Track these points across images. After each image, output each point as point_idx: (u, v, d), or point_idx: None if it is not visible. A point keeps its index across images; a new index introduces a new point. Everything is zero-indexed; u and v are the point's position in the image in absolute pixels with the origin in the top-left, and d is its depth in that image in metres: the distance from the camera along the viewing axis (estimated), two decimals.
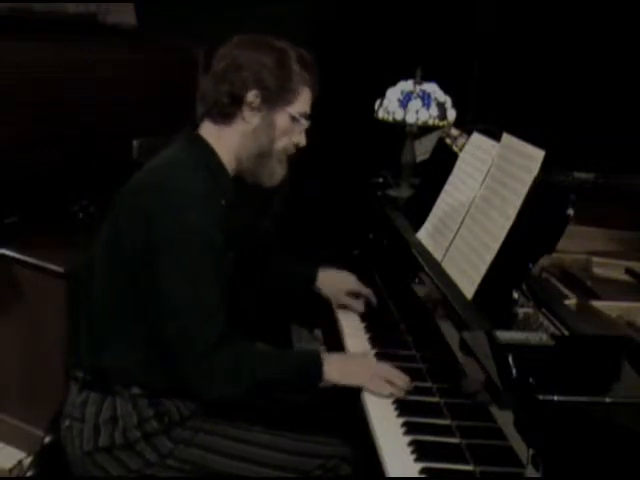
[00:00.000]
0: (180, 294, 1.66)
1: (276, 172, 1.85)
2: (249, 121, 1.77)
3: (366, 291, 2.22)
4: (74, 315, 2.45)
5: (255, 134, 1.78)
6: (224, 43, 1.81)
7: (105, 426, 1.74)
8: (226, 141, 1.79)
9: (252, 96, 1.75)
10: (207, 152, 1.79)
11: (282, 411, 1.90)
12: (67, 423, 1.81)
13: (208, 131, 1.80)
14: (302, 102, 1.80)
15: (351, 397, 1.79)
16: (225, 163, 1.81)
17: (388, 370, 1.81)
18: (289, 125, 1.80)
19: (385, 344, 2.03)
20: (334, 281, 2.22)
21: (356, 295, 2.23)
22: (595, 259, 1.93)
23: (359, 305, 2.21)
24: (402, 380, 1.79)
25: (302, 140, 1.85)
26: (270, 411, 1.86)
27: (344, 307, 2.23)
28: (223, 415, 1.81)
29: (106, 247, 1.78)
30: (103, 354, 1.77)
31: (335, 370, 1.78)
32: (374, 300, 2.21)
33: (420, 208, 2.18)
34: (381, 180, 2.64)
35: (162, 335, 1.68)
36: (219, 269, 1.71)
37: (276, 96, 1.77)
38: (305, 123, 1.83)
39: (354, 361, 1.88)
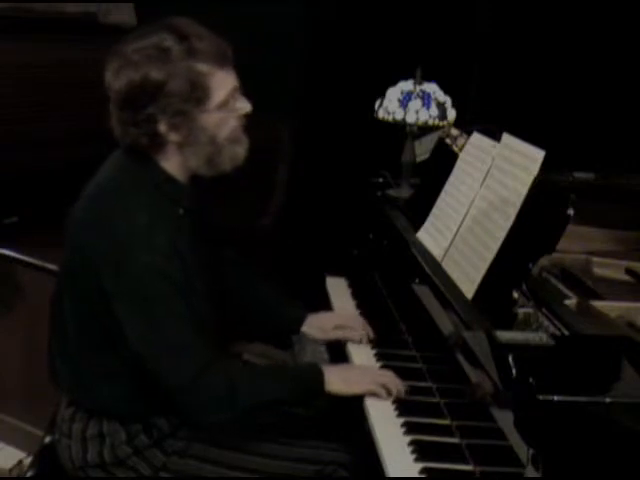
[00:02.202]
0: (141, 334, 1.60)
1: (236, 154, 1.71)
2: (178, 140, 1.64)
3: (355, 320, 2.07)
4: None
5: (192, 147, 1.66)
6: (107, 61, 1.64)
7: (92, 443, 1.72)
8: (169, 160, 1.68)
9: (164, 126, 1.61)
10: (152, 168, 1.68)
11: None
12: (57, 436, 1.80)
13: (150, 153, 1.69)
14: (220, 90, 1.63)
15: (350, 399, 1.79)
16: (175, 174, 1.70)
17: (384, 377, 1.79)
18: (220, 116, 1.65)
19: (385, 344, 2.03)
20: (319, 322, 2.06)
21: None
22: (595, 259, 1.93)
23: (354, 334, 2.02)
24: (399, 387, 1.77)
25: (245, 108, 1.69)
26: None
27: (344, 306, 2.22)
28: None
29: (66, 285, 1.74)
30: (82, 387, 1.74)
31: (338, 380, 1.75)
32: (367, 330, 2.04)
33: (420, 208, 2.18)
34: (381, 180, 2.64)
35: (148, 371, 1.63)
36: (182, 295, 1.62)
37: (188, 109, 1.61)
38: (236, 101, 1.68)
39: (356, 369, 1.86)
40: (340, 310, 2.24)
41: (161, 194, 1.68)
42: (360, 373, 1.81)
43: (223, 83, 1.65)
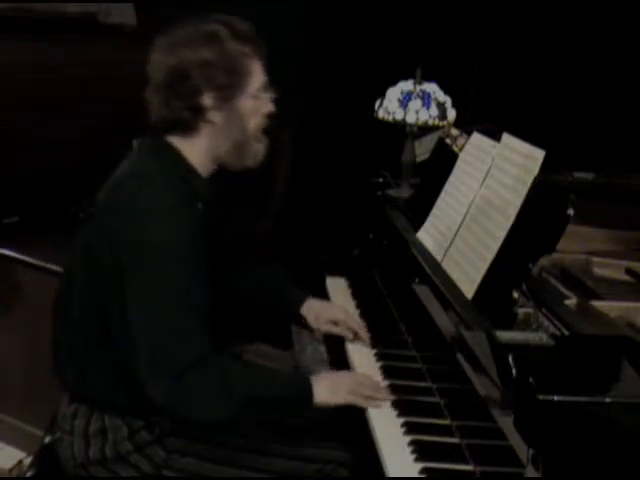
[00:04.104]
0: (148, 316, 1.61)
1: (258, 151, 1.79)
2: (214, 122, 1.72)
3: (354, 324, 2.06)
4: None
5: (225, 131, 1.73)
6: (153, 46, 1.73)
7: (94, 438, 1.73)
8: (197, 147, 1.74)
9: (208, 100, 1.69)
10: (176, 159, 1.74)
11: None
12: (58, 435, 1.80)
13: (177, 141, 1.74)
14: (257, 77, 1.74)
15: None
16: (198, 166, 1.75)
17: (361, 385, 1.78)
18: (254, 105, 1.74)
19: (385, 344, 2.03)
20: (317, 310, 2.09)
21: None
22: (595, 259, 1.93)
23: (347, 332, 2.05)
24: (376, 389, 1.77)
25: (270, 108, 1.79)
26: None
27: (344, 306, 2.23)
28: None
29: (81, 266, 1.74)
30: (86, 380, 1.75)
31: (325, 391, 1.73)
32: (364, 335, 2.05)
33: (420, 208, 2.18)
34: (381, 180, 2.64)
35: (134, 366, 1.61)
36: (194, 283, 1.64)
37: (231, 87, 1.70)
38: (268, 94, 1.77)
39: (340, 378, 1.82)
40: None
41: (184, 185, 1.73)
42: (346, 382, 1.78)
43: (260, 71, 1.76)
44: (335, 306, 2.17)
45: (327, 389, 1.74)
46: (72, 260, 1.79)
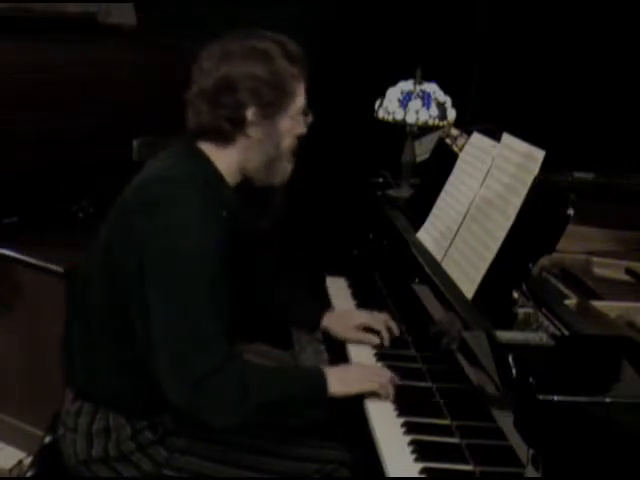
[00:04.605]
0: (170, 318, 1.60)
1: (286, 170, 1.83)
2: (251, 136, 1.74)
3: (378, 320, 2.06)
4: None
5: (260, 146, 1.75)
6: (205, 52, 1.74)
7: (98, 437, 1.73)
8: (228, 157, 1.76)
9: (252, 114, 1.71)
10: (206, 166, 1.75)
11: None
12: (61, 431, 1.81)
13: (209, 148, 1.76)
14: (299, 98, 1.77)
15: (350, 399, 1.79)
16: (226, 175, 1.77)
17: (379, 375, 1.79)
18: (291, 125, 1.78)
19: (385, 344, 2.02)
20: (340, 320, 2.10)
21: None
22: (595, 259, 1.93)
23: (373, 338, 2.04)
24: (395, 383, 1.78)
25: (303, 130, 1.83)
26: None
27: (344, 306, 2.23)
28: None
29: (100, 266, 1.74)
30: (95, 376, 1.75)
31: (337, 382, 1.74)
32: (394, 327, 2.05)
33: (420, 208, 2.18)
34: (381, 180, 2.64)
35: (153, 367, 1.61)
36: (217, 288, 1.65)
37: (275, 105, 1.73)
38: (305, 117, 1.80)
39: (352, 369, 1.85)
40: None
41: (212, 191, 1.73)
42: (357, 372, 1.81)
43: (302, 94, 1.78)
44: (355, 312, 2.17)
45: (340, 380, 1.75)
46: (89, 262, 1.79)
